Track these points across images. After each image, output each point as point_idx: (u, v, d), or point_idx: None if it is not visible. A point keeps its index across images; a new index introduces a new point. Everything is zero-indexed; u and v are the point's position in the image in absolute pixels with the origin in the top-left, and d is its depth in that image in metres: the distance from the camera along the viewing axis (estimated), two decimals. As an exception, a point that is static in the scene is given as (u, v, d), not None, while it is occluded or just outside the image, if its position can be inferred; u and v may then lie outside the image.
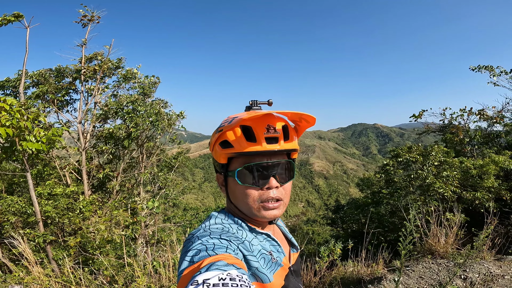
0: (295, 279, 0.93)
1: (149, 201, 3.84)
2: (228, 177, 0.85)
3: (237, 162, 0.83)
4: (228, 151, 0.81)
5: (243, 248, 0.76)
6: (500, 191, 6.41)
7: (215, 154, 0.87)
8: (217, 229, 0.80)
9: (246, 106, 0.93)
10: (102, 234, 4.23)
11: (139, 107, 5.57)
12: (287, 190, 0.86)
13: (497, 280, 3.63)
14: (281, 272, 0.85)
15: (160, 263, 3.71)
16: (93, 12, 5.90)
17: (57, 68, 6.30)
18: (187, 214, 8.51)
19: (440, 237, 4.27)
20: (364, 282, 4.00)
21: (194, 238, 0.74)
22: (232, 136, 0.80)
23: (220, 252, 0.65)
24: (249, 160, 0.81)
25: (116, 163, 6.49)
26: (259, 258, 0.80)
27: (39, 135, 4.00)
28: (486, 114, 8.48)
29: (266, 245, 0.87)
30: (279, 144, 0.81)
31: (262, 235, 0.89)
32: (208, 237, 0.73)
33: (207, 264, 0.60)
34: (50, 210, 4.43)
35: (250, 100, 0.92)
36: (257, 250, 0.82)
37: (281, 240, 0.98)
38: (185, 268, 0.64)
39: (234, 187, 0.84)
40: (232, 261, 0.63)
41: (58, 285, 3.62)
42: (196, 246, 0.68)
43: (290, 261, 0.96)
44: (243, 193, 0.82)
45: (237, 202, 0.85)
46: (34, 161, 4.95)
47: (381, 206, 8.88)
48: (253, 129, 0.79)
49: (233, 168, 0.83)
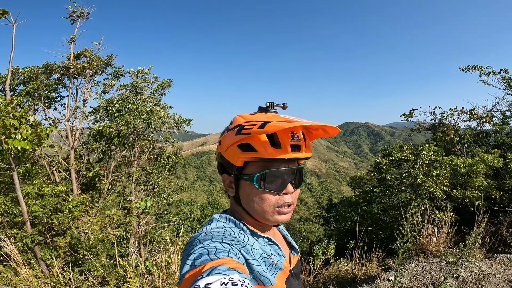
0: (296, 281, 0.93)
1: (142, 201, 3.78)
2: (241, 180, 0.83)
3: (255, 166, 0.81)
4: (250, 155, 0.79)
5: (245, 252, 0.76)
6: (489, 189, 6.53)
7: (230, 155, 0.83)
8: (219, 233, 0.79)
9: (261, 107, 0.90)
10: (96, 235, 4.15)
11: (129, 104, 5.48)
12: (297, 195, 0.88)
13: (489, 279, 3.69)
14: (282, 276, 0.85)
15: (152, 263, 3.65)
16: (82, 9, 5.79)
17: (45, 65, 6.16)
18: (181, 212, 8.43)
19: (432, 236, 4.32)
20: (358, 281, 4.02)
21: (196, 241, 0.74)
22: (258, 140, 0.78)
23: (222, 256, 0.65)
24: (267, 165, 0.80)
25: (107, 161, 6.38)
26: (260, 262, 0.80)
27: (26, 133, 3.88)
28: (476, 114, 8.63)
29: (267, 249, 0.87)
30: (301, 152, 0.81)
31: (263, 238, 0.89)
32: (210, 240, 0.72)
33: (209, 269, 0.59)
34: (38, 210, 4.32)
35: (267, 102, 0.89)
36: (259, 254, 0.82)
37: (282, 243, 0.98)
38: (187, 272, 0.63)
39: (250, 191, 0.82)
40: (234, 265, 0.62)
41: (47, 286, 3.55)
42: (197, 250, 0.68)
43: (291, 264, 0.96)
44: (260, 198, 0.82)
45: (251, 205, 0.84)
46: (21, 159, 4.81)
47: (373, 205, 8.98)
48: (278, 135, 0.78)
49: (250, 172, 0.81)
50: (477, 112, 8.66)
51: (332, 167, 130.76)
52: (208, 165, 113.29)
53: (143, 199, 4.13)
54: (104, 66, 6.27)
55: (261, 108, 0.90)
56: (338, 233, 10.63)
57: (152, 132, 6.37)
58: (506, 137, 8.37)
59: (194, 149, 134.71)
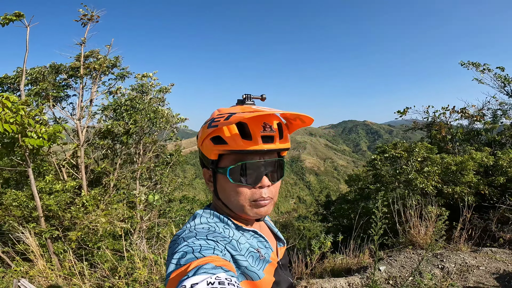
0: (284, 272, 0.94)
1: (150, 195, 3.99)
2: (218, 174, 0.82)
3: (229, 159, 0.80)
4: (221, 148, 0.78)
5: (231, 248, 0.74)
6: (479, 186, 6.78)
7: (205, 149, 0.82)
8: (203, 229, 0.78)
9: (239, 100, 0.89)
10: (104, 226, 4.37)
11: (137, 104, 5.73)
12: (276, 188, 0.86)
13: (472, 271, 3.91)
14: (270, 268, 0.85)
15: (159, 256, 3.85)
16: (93, 12, 6.01)
17: (52, 65, 6.37)
18: (183, 209, 8.67)
19: (420, 229, 4.59)
20: (352, 271, 4.29)
21: (180, 239, 0.72)
22: (227, 132, 0.77)
23: (207, 254, 0.63)
24: (241, 158, 0.78)
25: (112, 158, 6.63)
26: (247, 257, 0.79)
27: (41, 131, 4.12)
28: (467, 113, 8.87)
29: (253, 242, 0.86)
30: (274, 143, 0.79)
31: (249, 232, 0.88)
32: (194, 238, 0.70)
33: (195, 268, 0.58)
34: (52, 204, 4.55)
35: (244, 94, 0.88)
36: (245, 248, 0.81)
37: (268, 235, 0.97)
38: (172, 271, 0.61)
39: (225, 184, 0.81)
40: (220, 263, 0.61)
41: (59, 278, 3.76)
42: (182, 248, 0.66)
43: (278, 255, 0.95)
44: (235, 191, 0.80)
45: (227, 199, 0.83)
46: (36, 157, 5.04)
47: (370, 201, 9.23)
48: (249, 126, 0.76)
49: (224, 165, 0.80)
50: (468, 111, 8.90)
51: (331, 165, 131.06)
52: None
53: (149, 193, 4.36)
54: (111, 67, 6.51)
55: (239, 100, 0.89)
56: (335, 230, 10.88)
57: (156, 131, 6.62)
58: (496, 135, 8.64)
59: (193, 147, 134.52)
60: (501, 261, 4.22)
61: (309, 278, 4.18)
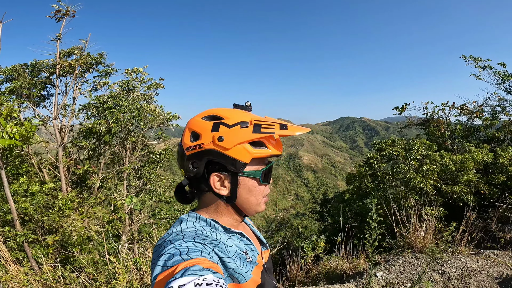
0: (269, 276, 0.94)
1: (127, 198, 3.75)
2: (241, 177, 0.82)
3: (257, 161, 0.84)
4: (262, 152, 0.81)
5: (218, 250, 0.75)
6: (478, 185, 6.58)
7: (239, 153, 0.79)
8: (190, 232, 0.77)
9: (243, 106, 0.91)
10: (79, 231, 4.13)
11: (120, 102, 5.44)
12: None
13: (474, 275, 3.71)
14: (257, 271, 0.86)
15: (143, 260, 3.66)
16: (68, 7, 5.70)
17: (33, 63, 6.08)
18: (172, 208, 8.43)
19: (419, 232, 4.35)
20: (347, 276, 4.06)
21: (166, 242, 0.72)
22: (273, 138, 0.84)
23: (194, 256, 0.63)
24: (266, 160, 0.86)
25: (97, 158, 6.35)
26: (235, 259, 0.79)
27: (12, 131, 3.83)
28: (467, 109, 8.69)
29: (240, 245, 0.87)
30: None
31: (236, 234, 0.88)
32: (181, 240, 0.70)
33: (182, 269, 0.58)
34: (28, 207, 4.28)
35: (247, 101, 0.92)
36: (233, 251, 0.82)
37: (252, 238, 0.98)
38: (159, 273, 0.61)
39: (252, 186, 0.84)
40: (208, 265, 0.61)
41: (38, 283, 3.56)
42: (169, 251, 0.66)
43: (263, 258, 0.96)
44: (259, 191, 0.85)
45: (249, 200, 0.85)
46: (9, 158, 4.76)
47: (367, 200, 9.03)
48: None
49: (251, 168, 0.83)
50: (468, 107, 8.72)
51: (328, 162, 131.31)
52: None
53: (128, 195, 4.11)
54: (95, 63, 6.21)
55: (242, 106, 0.91)
56: (332, 229, 10.69)
57: (143, 129, 6.33)
58: (496, 132, 8.46)
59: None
60: (503, 264, 4.01)
61: (302, 286, 3.95)
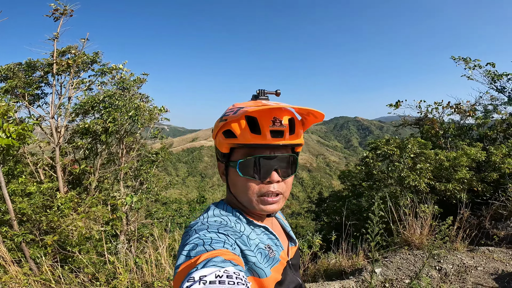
0: (294, 273, 0.92)
1: (127, 196, 3.74)
2: (230, 167, 0.84)
3: (239, 153, 0.81)
4: (231, 141, 0.80)
5: (241, 242, 0.75)
6: (472, 182, 6.70)
7: (218, 143, 0.85)
8: (215, 222, 0.79)
9: (253, 95, 0.91)
10: (80, 231, 4.10)
11: (117, 101, 5.41)
12: (288, 184, 0.86)
13: (471, 272, 3.79)
14: (279, 267, 0.85)
15: (142, 259, 3.67)
16: (66, 6, 5.65)
17: (28, 62, 6.01)
18: (169, 208, 8.40)
19: (416, 229, 4.43)
20: (345, 273, 4.11)
21: (192, 231, 0.74)
22: (236, 126, 0.79)
23: (217, 247, 0.64)
24: (251, 152, 0.79)
25: (93, 158, 6.29)
26: (256, 253, 0.79)
27: (9, 131, 3.79)
28: (461, 108, 8.84)
29: (264, 239, 0.86)
30: (284, 138, 0.79)
31: (260, 228, 0.88)
32: (205, 230, 0.72)
33: (204, 260, 0.59)
34: (26, 207, 4.24)
35: (258, 89, 0.89)
36: (255, 244, 0.81)
37: (279, 233, 0.97)
38: (182, 263, 0.62)
39: (235, 178, 0.83)
40: (230, 257, 0.62)
41: (37, 284, 3.54)
42: (193, 240, 0.68)
43: (289, 255, 0.94)
44: (244, 185, 0.81)
45: (237, 193, 0.84)
46: (6, 158, 4.70)
47: (362, 198, 9.10)
48: (258, 120, 0.77)
49: (235, 158, 0.82)
50: (462, 106, 8.87)
51: (323, 161, 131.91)
52: (199, 161, 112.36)
53: (128, 194, 4.10)
54: (90, 63, 6.15)
55: (254, 95, 0.91)
56: (328, 228, 10.75)
57: (139, 129, 6.30)
58: (488, 130, 8.62)
59: (185, 145, 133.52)
60: (499, 260, 4.11)
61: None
